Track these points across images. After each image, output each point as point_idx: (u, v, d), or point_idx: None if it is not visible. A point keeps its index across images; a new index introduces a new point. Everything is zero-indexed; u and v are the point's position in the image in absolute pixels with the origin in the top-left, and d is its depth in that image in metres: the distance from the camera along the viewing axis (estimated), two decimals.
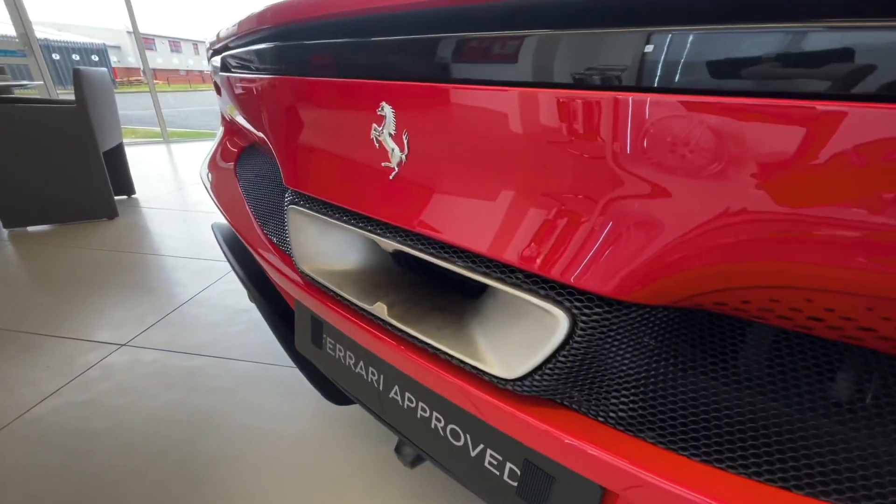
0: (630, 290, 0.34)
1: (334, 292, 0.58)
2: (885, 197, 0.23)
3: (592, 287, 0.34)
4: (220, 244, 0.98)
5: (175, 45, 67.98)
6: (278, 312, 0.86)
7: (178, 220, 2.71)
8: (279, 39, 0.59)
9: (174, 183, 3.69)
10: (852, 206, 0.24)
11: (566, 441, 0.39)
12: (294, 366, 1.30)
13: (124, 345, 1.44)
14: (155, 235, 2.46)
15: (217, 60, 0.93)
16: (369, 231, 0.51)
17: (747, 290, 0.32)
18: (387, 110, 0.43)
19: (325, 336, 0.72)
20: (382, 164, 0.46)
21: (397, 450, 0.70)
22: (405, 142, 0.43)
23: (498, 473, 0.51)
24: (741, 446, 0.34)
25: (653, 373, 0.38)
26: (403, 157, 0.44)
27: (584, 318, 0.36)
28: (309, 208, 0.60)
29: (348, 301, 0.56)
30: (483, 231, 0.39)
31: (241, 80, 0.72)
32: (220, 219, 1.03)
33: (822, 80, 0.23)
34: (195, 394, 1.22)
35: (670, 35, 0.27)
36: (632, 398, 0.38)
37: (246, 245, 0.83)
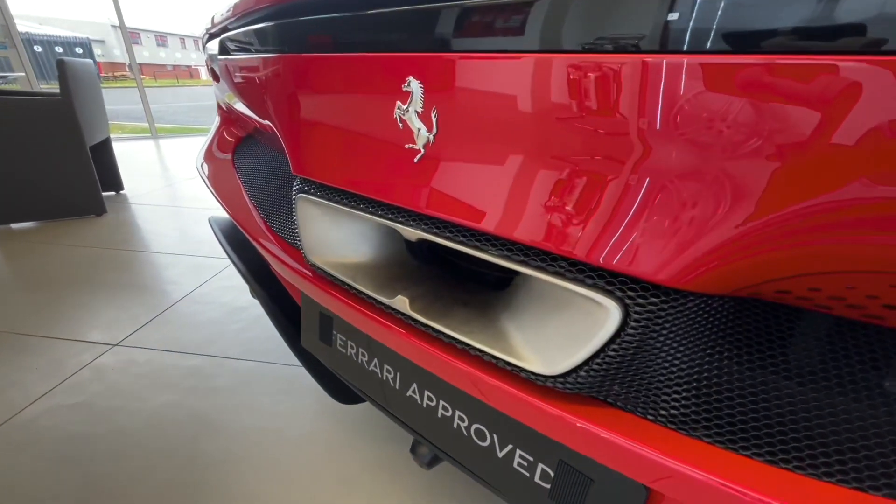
0: (689, 278, 0.31)
1: (348, 285, 0.55)
2: None
3: (648, 275, 0.31)
4: (218, 238, 0.94)
5: (161, 39, 66.66)
6: (283, 308, 0.82)
7: (169, 217, 2.64)
8: (288, 15, 0.55)
9: (163, 179, 3.61)
10: None
11: (611, 439, 0.36)
12: (296, 364, 1.27)
13: (117, 345, 1.39)
14: (145, 232, 2.39)
15: (214, 45, 0.89)
16: (390, 219, 0.47)
17: (820, 277, 0.30)
18: (414, 86, 0.39)
19: (334, 332, 0.69)
20: (406, 145, 0.43)
21: (413, 450, 0.67)
22: (434, 120, 0.39)
23: (528, 475, 0.48)
24: (806, 444, 0.32)
25: (707, 367, 0.35)
26: (431, 137, 0.40)
27: (637, 308, 0.33)
28: (320, 197, 0.56)
29: (364, 294, 0.53)
30: (522, 216, 0.36)
31: (244, 63, 0.68)
32: (216, 213, 0.98)
33: None
34: (194, 394, 1.17)
35: None
36: (684, 394, 0.35)
37: (248, 238, 0.79)
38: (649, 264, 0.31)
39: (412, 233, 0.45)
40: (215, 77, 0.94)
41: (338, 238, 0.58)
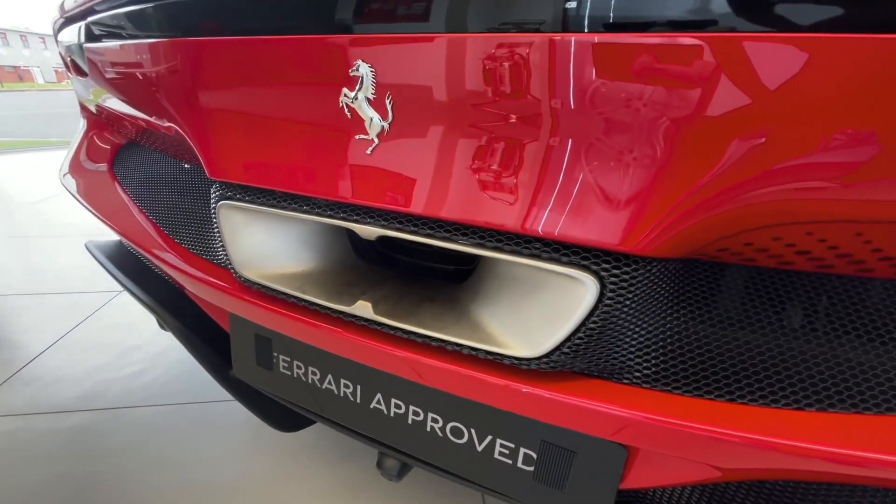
0: (653, 245, 0.33)
1: (295, 298, 0.49)
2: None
3: (619, 245, 0.33)
4: (105, 267, 0.78)
5: None
6: (203, 337, 0.71)
7: (12, 250, 2.13)
8: None
9: None
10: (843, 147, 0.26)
11: (591, 407, 0.38)
12: (217, 399, 1.12)
13: None
14: None
15: (73, 31, 0.73)
16: (342, 219, 0.43)
17: (751, 233, 0.34)
18: (364, 70, 0.36)
19: (275, 354, 0.61)
20: (356, 136, 0.40)
21: (379, 464, 0.63)
22: (388, 107, 0.37)
23: (511, 462, 0.48)
24: (756, 381, 0.37)
25: (671, 325, 0.39)
26: (386, 125, 0.38)
27: (612, 279, 0.34)
28: (249, 202, 0.49)
29: (316, 306, 0.48)
30: (494, 201, 0.35)
31: (128, 50, 0.57)
32: (81, 238, 0.81)
33: None
34: (85, 460, 0.96)
35: None
36: (654, 353, 0.38)
37: (150, 261, 0.67)
38: (619, 236, 0.33)
39: (371, 231, 0.42)
40: (79, 72, 0.77)
41: (275, 247, 0.52)
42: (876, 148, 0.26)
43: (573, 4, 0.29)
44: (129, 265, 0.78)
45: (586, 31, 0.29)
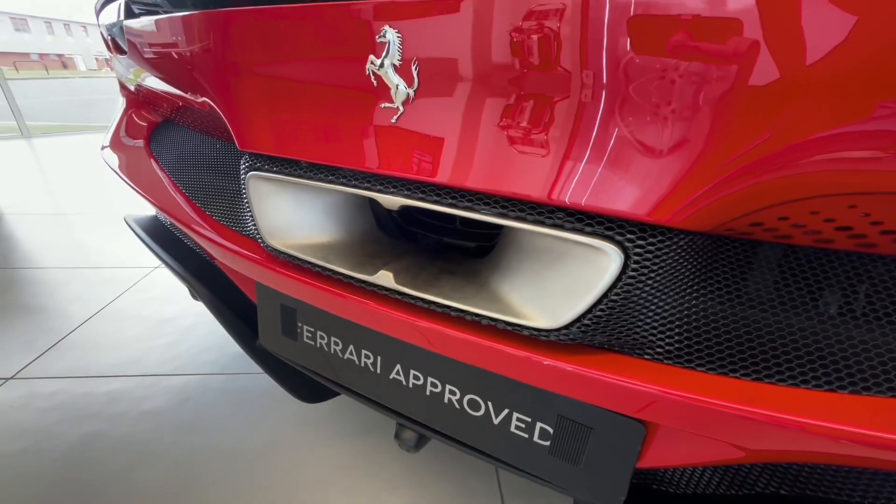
0: (681, 217, 0.32)
1: (320, 267, 0.50)
2: None
3: (646, 215, 0.32)
4: (142, 239, 0.82)
5: (20, 22, 56.12)
6: (232, 307, 0.74)
7: (56, 227, 2.26)
8: None
9: (42, 184, 3.07)
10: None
11: (610, 380, 0.37)
12: (245, 372, 1.16)
13: (11, 378, 1.16)
14: (28, 246, 2.02)
15: (114, 10, 0.76)
16: (367, 189, 0.44)
17: (785, 206, 0.33)
18: (391, 36, 0.36)
19: (299, 324, 0.63)
20: (382, 104, 0.40)
21: (397, 436, 0.65)
22: (415, 74, 0.37)
23: (527, 436, 0.48)
24: (784, 361, 0.35)
25: (695, 301, 0.38)
26: (412, 92, 0.38)
27: (637, 249, 0.34)
28: (277, 172, 0.50)
29: (340, 275, 0.49)
30: (519, 170, 0.35)
31: (165, 25, 0.59)
32: (116, 217, 0.85)
33: None
34: (122, 421, 1.02)
35: None
36: (677, 329, 0.38)
37: (184, 232, 0.70)
38: (646, 206, 0.32)
39: (394, 201, 0.42)
40: (118, 49, 0.80)
41: (301, 218, 0.53)
42: None
43: None
44: (164, 238, 0.82)
45: None
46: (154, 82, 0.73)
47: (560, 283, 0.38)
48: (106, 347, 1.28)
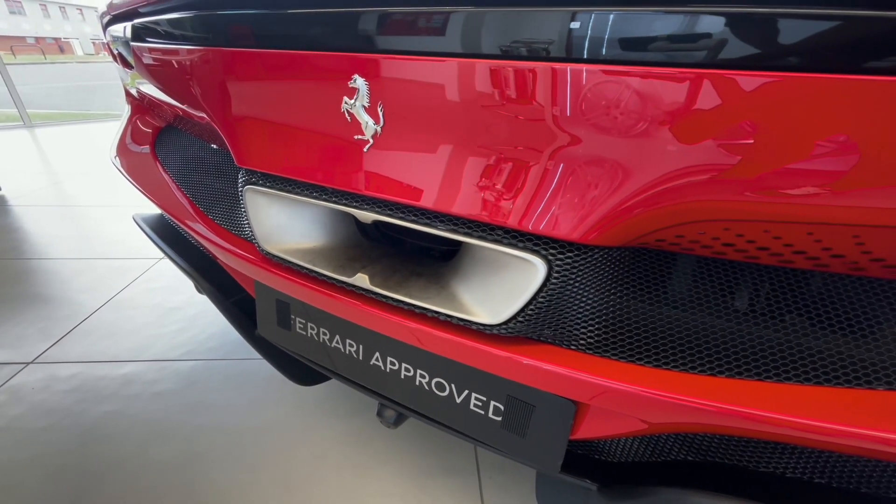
0: (594, 235, 0.40)
1: (307, 269, 0.58)
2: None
3: (564, 235, 0.40)
4: (150, 237, 0.90)
5: (15, 4, 55.21)
6: (233, 300, 0.83)
7: (63, 218, 2.34)
8: (232, 6, 0.55)
9: (48, 174, 3.14)
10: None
11: (546, 368, 0.46)
12: (245, 358, 1.26)
13: (31, 362, 1.26)
14: (37, 237, 2.10)
15: (120, 29, 0.82)
16: (345, 205, 0.52)
17: (682, 227, 0.40)
18: (359, 83, 0.44)
19: (292, 316, 0.72)
20: (355, 136, 0.47)
21: (379, 413, 0.74)
22: (380, 114, 0.44)
23: (483, 413, 0.57)
24: (679, 350, 0.44)
25: (610, 301, 0.46)
26: (378, 129, 0.45)
27: (558, 262, 0.42)
28: (270, 188, 0.58)
29: (324, 276, 0.57)
30: (465, 195, 0.43)
31: (171, 53, 0.66)
32: (126, 210, 0.93)
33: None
34: (136, 402, 1.12)
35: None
36: (596, 324, 0.46)
37: (189, 233, 0.78)
38: (566, 227, 0.40)
39: (367, 216, 0.50)
40: (125, 64, 0.87)
41: (291, 226, 0.61)
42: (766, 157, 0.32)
43: (523, 37, 0.36)
44: (171, 236, 0.90)
45: (524, 57, 0.36)
46: (159, 95, 0.81)
47: (501, 287, 0.46)
48: (118, 335, 1.38)
